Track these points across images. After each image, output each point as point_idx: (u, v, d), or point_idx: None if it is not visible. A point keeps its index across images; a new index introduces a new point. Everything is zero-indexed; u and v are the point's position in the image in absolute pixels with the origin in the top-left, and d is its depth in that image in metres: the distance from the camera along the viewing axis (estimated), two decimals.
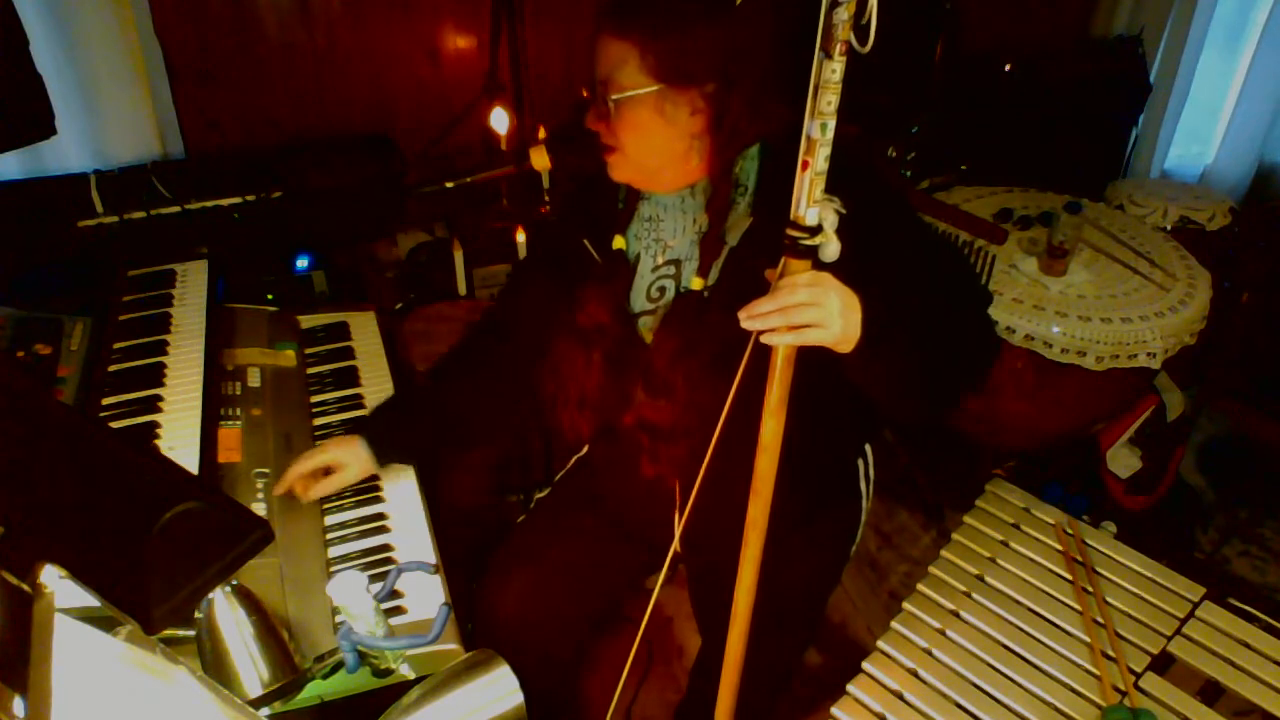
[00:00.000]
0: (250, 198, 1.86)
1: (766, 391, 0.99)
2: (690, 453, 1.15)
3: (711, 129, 1.12)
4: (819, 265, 0.95)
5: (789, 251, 0.93)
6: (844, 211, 0.91)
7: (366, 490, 1.40)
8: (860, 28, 0.81)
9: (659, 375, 1.21)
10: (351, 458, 1.36)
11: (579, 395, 1.30)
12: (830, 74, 0.83)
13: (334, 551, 1.30)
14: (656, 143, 1.13)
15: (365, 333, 1.77)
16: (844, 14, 0.80)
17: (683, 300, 1.21)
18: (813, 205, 0.90)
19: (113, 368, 1.47)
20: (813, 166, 0.87)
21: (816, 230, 0.91)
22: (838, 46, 0.82)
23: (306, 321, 1.77)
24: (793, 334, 0.95)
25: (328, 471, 1.35)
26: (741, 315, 0.95)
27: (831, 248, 0.93)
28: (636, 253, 1.26)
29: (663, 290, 1.24)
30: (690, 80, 1.08)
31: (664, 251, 1.24)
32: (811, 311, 0.94)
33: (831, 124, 0.86)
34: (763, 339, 0.96)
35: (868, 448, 1.47)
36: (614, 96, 1.10)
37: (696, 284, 1.19)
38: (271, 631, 1.05)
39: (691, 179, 1.19)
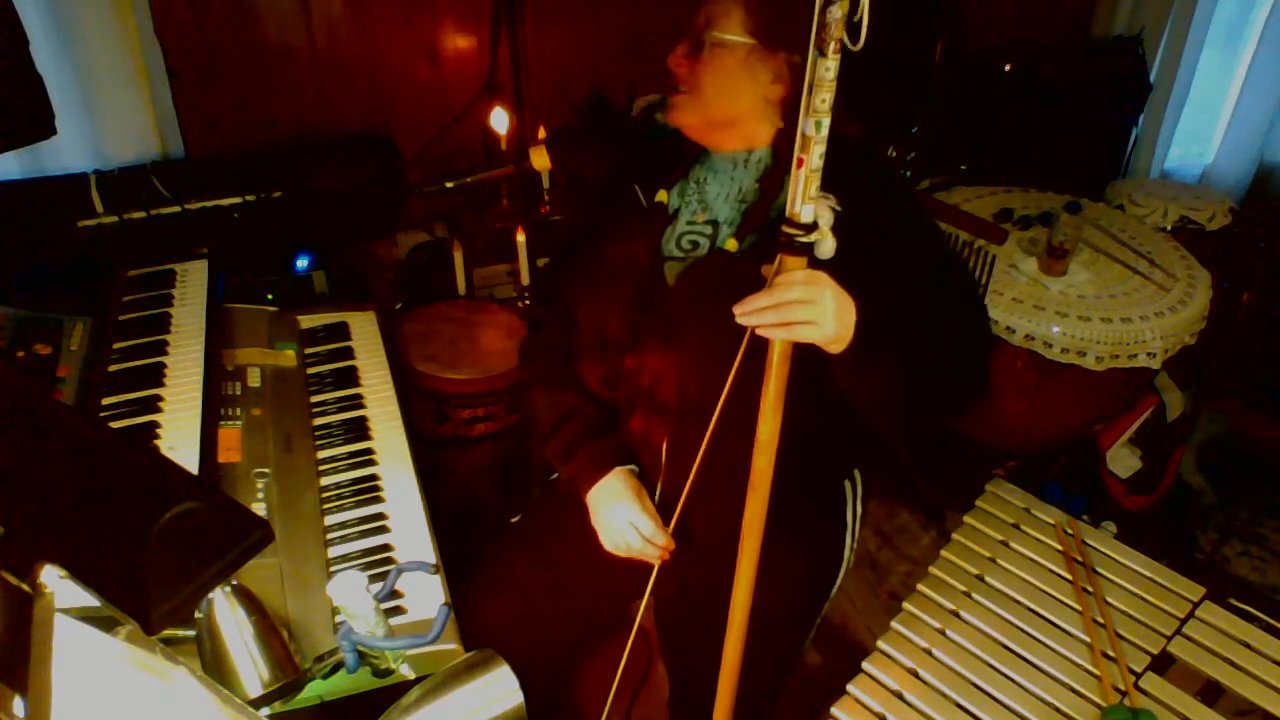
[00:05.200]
0: (250, 198, 1.86)
1: (763, 389, 0.99)
2: (680, 408, 1.14)
3: (787, 101, 1.16)
4: (815, 262, 0.95)
5: (785, 248, 0.94)
6: (839, 209, 0.92)
7: (366, 490, 1.41)
8: (852, 25, 0.81)
9: (675, 323, 1.23)
10: (634, 482, 1.32)
11: (596, 336, 1.32)
12: (825, 72, 0.83)
13: (334, 551, 1.30)
14: (732, 95, 1.16)
15: (365, 333, 1.77)
16: (837, 12, 0.80)
17: (714, 256, 1.23)
18: (808, 202, 0.90)
19: (113, 368, 1.47)
20: (807, 164, 0.88)
21: (812, 227, 0.92)
22: (831, 44, 0.82)
23: (306, 321, 1.77)
24: (785, 330, 0.95)
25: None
26: (736, 310, 0.96)
27: (827, 245, 0.93)
28: (677, 207, 1.28)
29: (695, 244, 1.25)
30: (781, 45, 1.12)
31: (705, 210, 1.26)
32: (805, 309, 0.95)
33: (826, 122, 0.86)
34: (757, 333, 0.96)
35: (857, 473, 1.46)
36: (713, 34, 1.13)
37: (731, 245, 1.21)
38: (271, 631, 1.05)
39: (750, 144, 1.21)
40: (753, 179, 1.22)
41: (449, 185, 1.40)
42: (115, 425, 1.35)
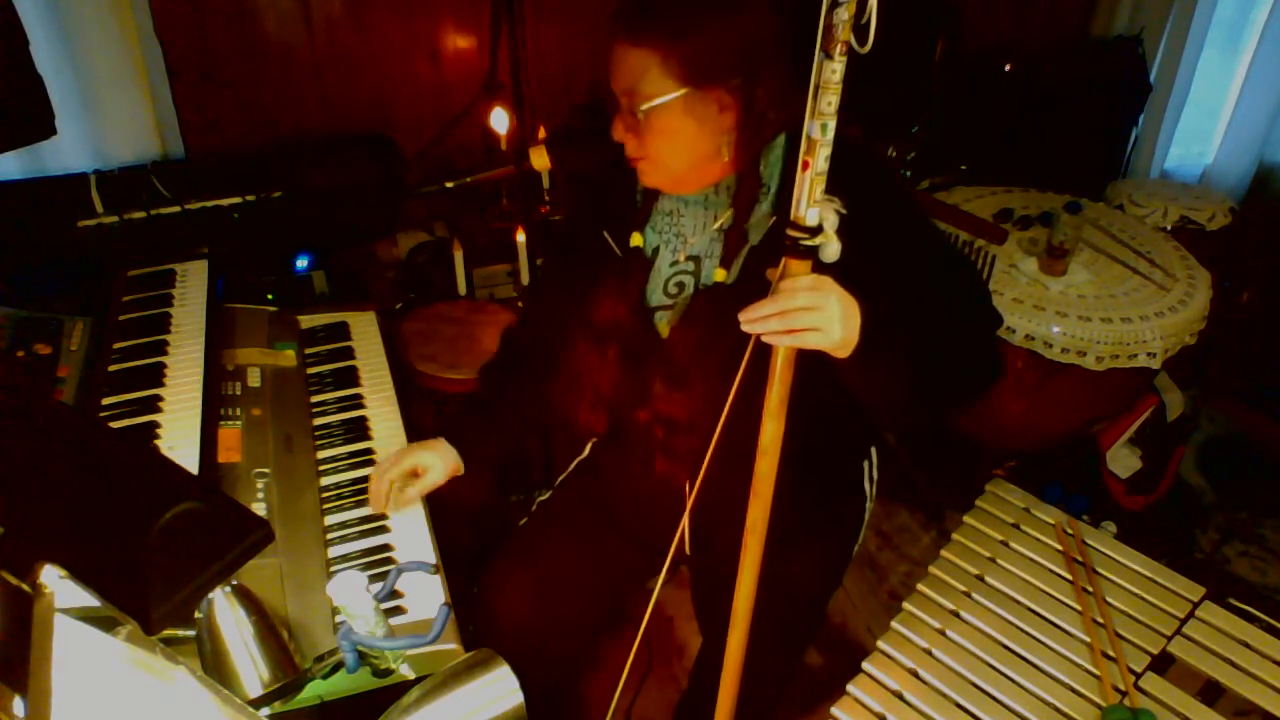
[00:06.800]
0: (250, 198, 1.86)
1: (766, 394, 0.99)
2: (703, 449, 1.15)
3: (740, 122, 1.11)
4: (819, 266, 0.95)
5: (789, 252, 0.93)
6: (844, 212, 0.91)
7: (367, 490, 1.40)
8: (860, 27, 0.80)
9: (678, 368, 1.21)
10: (436, 459, 1.35)
11: (594, 393, 1.30)
12: (830, 74, 0.83)
13: (334, 551, 1.30)
14: (687, 146, 1.11)
15: (365, 333, 1.77)
16: (844, 14, 0.79)
17: (704, 295, 1.21)
18: (813, 205, 0.90)
19: (113, 368, 1.47)
20: (813, 167, 0.87)
21: (817, 231, 0.91)
22: (838, 47, 0.81)
23: (306, 321, 1.77)
24: (790, 337, 0.95)
25: (415, 475, 1.36)
26: (741, 316, 0.95)
27: (832, 248, 0.93)
28: (655, 246, 1.26)
29: (681, 286, 1.24)
30: (715, 78, 1.07)
31: (684, 246, 1.23)
32: (811, 316, 0.94)
33: (832, 124, 0.85)
34: (762, 339, 0.96)
35: (872, 449, 1.47)
36: (642, 107, 1.07)
37: (720, 275, 1.19)
38: (271, 631, 1.05)
39: (718, 176, 1.18)
40: (726, 204, 1.20)
41: (449, 185, 1.41)
42: (115, 425, 1.35)
